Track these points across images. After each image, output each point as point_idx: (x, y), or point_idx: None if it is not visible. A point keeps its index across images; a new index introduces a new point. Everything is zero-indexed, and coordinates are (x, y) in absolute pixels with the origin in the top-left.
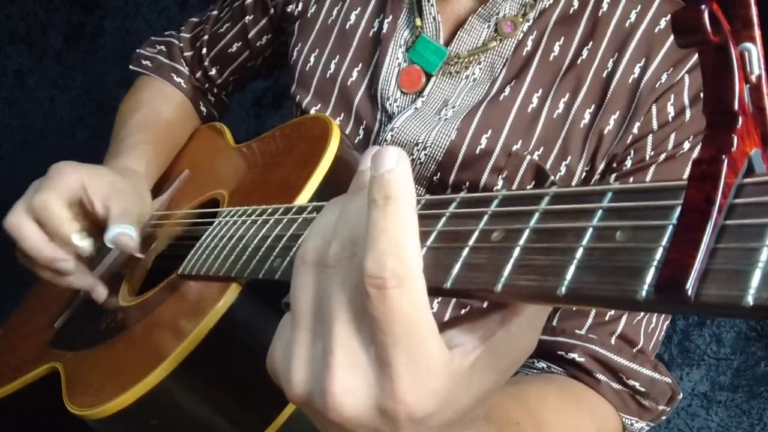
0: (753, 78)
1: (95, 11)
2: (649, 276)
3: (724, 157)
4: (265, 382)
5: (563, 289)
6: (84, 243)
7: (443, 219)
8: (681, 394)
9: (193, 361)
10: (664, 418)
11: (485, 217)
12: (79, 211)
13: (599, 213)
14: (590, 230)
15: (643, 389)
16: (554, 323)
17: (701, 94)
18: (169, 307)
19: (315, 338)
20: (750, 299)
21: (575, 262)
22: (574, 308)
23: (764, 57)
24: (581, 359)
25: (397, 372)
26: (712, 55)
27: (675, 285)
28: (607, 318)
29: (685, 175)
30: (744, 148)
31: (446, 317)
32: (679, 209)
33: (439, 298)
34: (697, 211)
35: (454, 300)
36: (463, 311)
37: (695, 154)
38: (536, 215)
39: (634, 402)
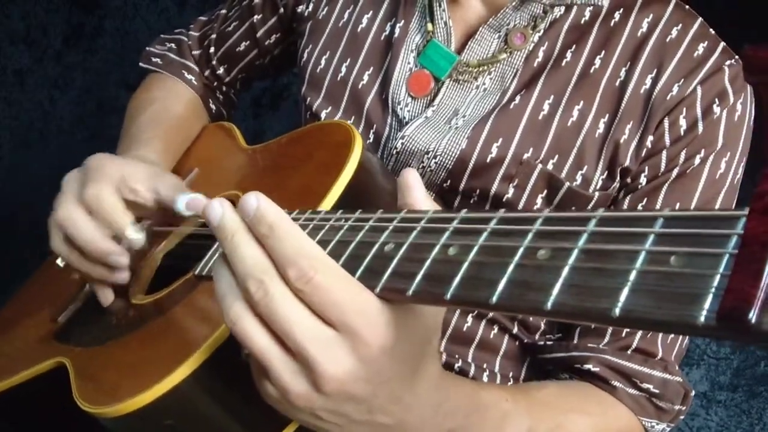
0: None
1: (95, 11)
2: (707, 302)
3: None
4: None
5: (617, 311)
6: (138, 235)
7: (485, 234)
8: (693, 392)
9: (215, 361)
10: (682, 417)
11: (530, 235)
12: (130, 211)
13: (651, 237)
14: (643, 253)
15: (657, 391)
16: (575, 341)
17: (713, 107)
18: (188, 307)
19: (287, 355)
20: None
21: (629, 284)
22: (593, 325)
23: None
24: (596, 369)
25: (356, 325)
26: None
27: (738, 314)
28: (623, 334)
29: (696, 192)
30: None
31: (452, 323)
32: (735, 238)
33: (458, 311)
34: (759, 244)
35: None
36: (469, 316)
37: (709, 162)
38: (584, 236)
39: (651, 405)
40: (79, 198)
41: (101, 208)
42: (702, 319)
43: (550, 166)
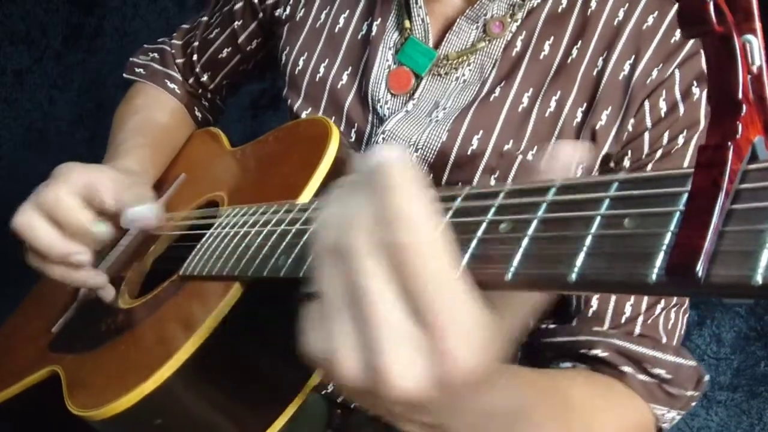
0: (754, 69)
1: (95, 11)
2: (659, 260)
3: (729, 143)
4: (268, 381)
5: (573, 275)
6: (101, 227)
7: (450, 212)
8: (708, 376)
9: (197, 360)
10: (693, 404)
11: (492, 209)
12: (91, 210)
13: (606, 202)
14: (598, 218)
15: (669, 376)
16: (573, 324)
17: (693, 88)
18: (171, 308)
19: (356, 323)
20: (759, 278)
21: (585, 249)
22: (590, 313)
23: (765, 48)
24: (604, 354)
25: (443, 331)
26: (716, 45)
27: (685, 267)
28: (623, 320)
29: (685, 164)
30: (748, 136)
31: None
32: (685, 196)
33: None
34: (705, 196)
35: None
36: None
37: (693, 142)
38: (543, 206)
39: (661, 391)
40: (36, 203)
41: (59, 209)
42: (654, 276)
43: (529, 157)
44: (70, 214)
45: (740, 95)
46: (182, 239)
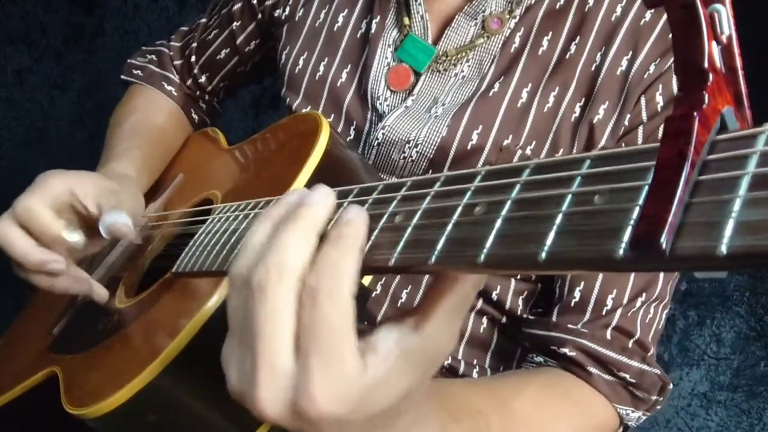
0: (723, 38)
1: (95, 11)
2: (626, 235)
3: (695, 113)
4: None
5: (543, 254)
6: (74, 236)
7: (428, 198)
8: (671, 384)
9: (187, 356)
10: (659, 407)
11: (468, 193)
12: (72, 216)
13: (578, 179)
14: (569, 196)
15: (633, 381)
16: (553, 318)
17: None
18: (163, 305)
19: (243, 350)
20: (723, 248)
21: (555, 227)
22: (573, 303)
23: (734, 18)
24: (572, 353)
25: (312, 374)
26: (680, 13)
27: (649, 240)
28: (603, 312)
29: None
30: (716, 106)
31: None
32: (653, 169)
33: (409, 286)
34: (670, 167)
35: (425, 283)
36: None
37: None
38: (517, 187)
39: (626, 392)
40: (11, 215)
41: (31, 218)
42: (620, 252)
43: (528, 152)
44: (42, 223)
45: (705, 64)
46: (178, 238)
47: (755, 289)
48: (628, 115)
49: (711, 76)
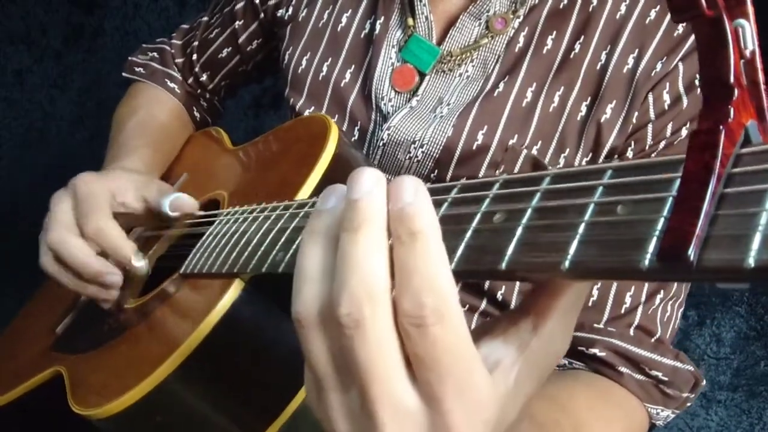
0: (747, 53)
1: (95, 11)
2: (652, 246)
3: (721, 127)
4: (268, 378)
5: (567, 263)
6: (141, 263)
7: (445, 204)
8: (704, 381)
9: (198, 357)
10: (689, 405)
11: (486, 201)
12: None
13: (600, 189)
14: (591, 206)
15: (666, 379)
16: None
17: (696, 81)
18: (172, 306)
19: (346, 391)
20: (751, 261)
21: (578, 237)
22: (591, 303)
23: (757, 33)
24: (602, 354)
25: (447, 408)
26: (707, 29)
27: (677, 252)
28: (623, 311)
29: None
30: (740, 119)
31: None
32: (678, 181)
33: None
34: (697, 181)
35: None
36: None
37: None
38: (537, 195)
39: (657, 391)
40: (75, 229)
41: (106, 241)
42: (646, 263)
43: (534, 152)
44: (117, 245)
45: (732, 79)
46: (184, 238)
47: (755, 288)
48: (636, 114)
49: (736, 91)
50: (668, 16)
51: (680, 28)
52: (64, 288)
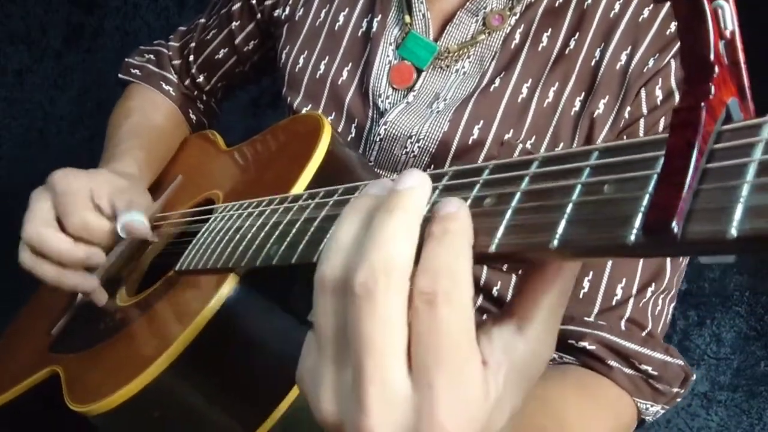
0: (727, 33)
1: (95, 11)
2: (637, 222)
3: (702, 104)
4: (264, 373)
5: (555, 242)
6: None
7: (436, 192)
8: (694, 376)
9: (193, 352)
10: (679, 400)
11: (477, 186)
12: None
13: (587, 170)
14: (578, 187)
15: (655, 373)
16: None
17: None
18: (167, 303)
19: (342, 367)
20: (734, 232)
21: (565, 216)
22: (581, 294)
23: (737, 14)
24: (592, 347)
25: (437, 395)
26: (686, 7)
27: (661, 226)
28: (614, 303)
29: None
30: (722, 97)
31: None
32: (662, 159)
33: None
34: (679, 156)
35: None
36: None
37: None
38: (526, 179)
39: (647, 386)
40: (53, 223)
41: (95, 232)
42: (632, 237)
43: (528, 146)
44: (104, 236)
45: (712, 56)
46: (179, 237)
47: (755, 288)
48: (628, 108)
49: (717, 68)
50: (661, 14)
51: (672, 26)
52: (60, 289)
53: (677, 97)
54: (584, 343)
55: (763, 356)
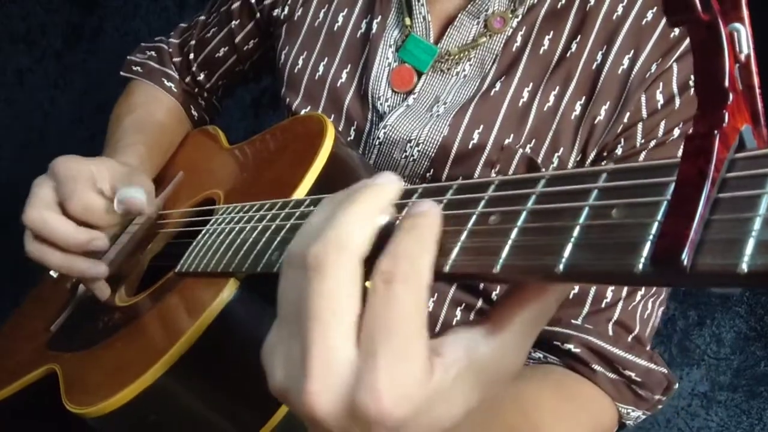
0: (742, 57)
1: (95, 11)
2: (646, 250)
3: (716, 132)
4: (263, 378)
5: (561, 266)
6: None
7: (440, 205)
8: (677, 384)
9: (192, 357)
10: (660, 407)
11: (482, 202)
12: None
13: (595, 192)
14: (586, 209)
15: (639, 379)
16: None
17: (690, 82)
18: (166, 305)
19: (292, 338)
20: (744, 267)
21: (572, 240)
22: (571, 296)
23: (752, 37)
24: (577, 350)
25: (379, 364)
26: (702, 33)
27: (671, 256)
28: (603, 305)
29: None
30: (735, 124)
31: (441, 318)
32: (673, 185)
33: (434, 297)
34: (691, 185)
35: (449, 299)
36: (458, 309)
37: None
38: (533, 197)
39: (629, 391)
40: (55, 207)
41: (96, 215)
42: (640, 267)
43: (528, 151)
44: (106, 218)
45: (726, 84)
46: (179, 237)
47: (754, 290)
48: (628, 113)
49: (731, 95)
50: (664, 18)
51: (676, 30)
52: (59, 286)
53: (678, 102)
54: (570, 346)
55: (763, 356)
